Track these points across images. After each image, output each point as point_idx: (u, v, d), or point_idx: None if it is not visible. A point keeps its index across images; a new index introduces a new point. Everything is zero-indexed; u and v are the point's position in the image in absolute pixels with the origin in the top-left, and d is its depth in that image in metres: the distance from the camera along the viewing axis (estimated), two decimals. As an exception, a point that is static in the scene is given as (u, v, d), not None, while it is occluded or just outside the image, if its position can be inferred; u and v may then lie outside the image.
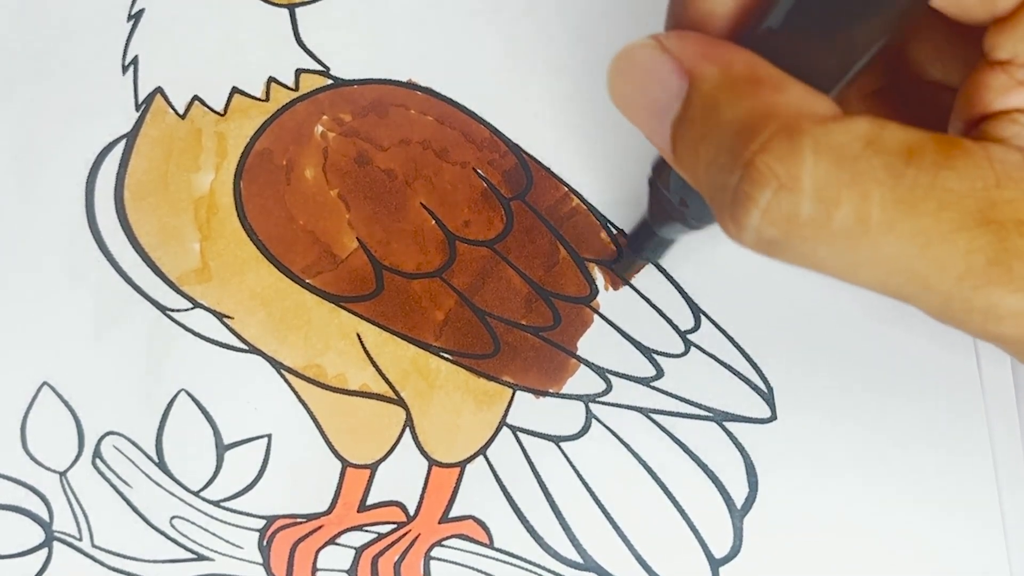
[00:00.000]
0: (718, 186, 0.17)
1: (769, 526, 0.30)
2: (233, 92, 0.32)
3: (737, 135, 0.17)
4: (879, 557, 0.30)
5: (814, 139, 0.16)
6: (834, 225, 0.16)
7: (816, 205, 0.16)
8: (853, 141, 0.16)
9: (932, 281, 0.16)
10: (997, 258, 0.16)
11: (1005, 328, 0.16)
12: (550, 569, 0.30)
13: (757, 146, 0.16)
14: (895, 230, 0.16)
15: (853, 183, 0.16)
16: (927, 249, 0.16)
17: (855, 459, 0.31)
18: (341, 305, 0.31)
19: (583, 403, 0.31)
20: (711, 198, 0.17)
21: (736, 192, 0.16)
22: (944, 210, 0.16)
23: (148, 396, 0.31)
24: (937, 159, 0.16)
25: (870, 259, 0.16)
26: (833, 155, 0.16)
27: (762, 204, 0.16)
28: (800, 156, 0.16)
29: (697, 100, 0.17)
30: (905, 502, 0.30)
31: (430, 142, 0.32)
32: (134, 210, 0.32)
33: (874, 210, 0.16)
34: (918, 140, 0.16)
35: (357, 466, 0.31)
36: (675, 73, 0.18)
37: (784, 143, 0.16)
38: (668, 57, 0.18)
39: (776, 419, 0.31)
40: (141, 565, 0.30)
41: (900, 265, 0.16)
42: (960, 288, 0.16)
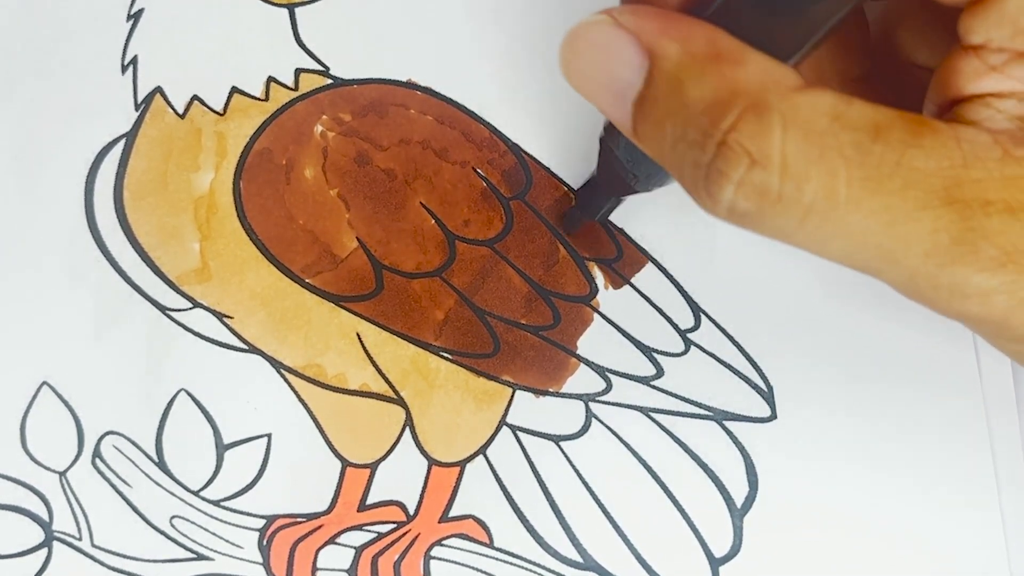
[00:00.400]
0: (689, 162, 0.17)
1: (769, 525, 0.30)
2: (233, 92, 0.32)
3: (705, 113, 0.17)
4: (879, 556, 0.30)
5: (781, 115, 0.16)
6: (804, 200, 0.16)
7: (786, 180, 0.16)
8: (820, 116, 0.16)
9: (898, 257, 0.16)
10: (962, 237, 0.16)
11: (970, 306, 0.17)
12: (550, 569, 0.30)
13: (728, 124, 0.16)
14: (862, 207, 0.16)
15: (821, 159, 0.16)
16: (893, 227, 0.16)
17: (855, 458, 0.31)
18: (341, 305, 0.31)
19: (583, 402, 0.31)
20: (680, 173, 0.18)
21: (710, 168, 0.17)
22: (910, 188, 0.16)
23: (148, 396, 0.31)
24: (904, 137, 0.16)
25: (838, 234, 0.16)
26: (801, 131, 0.16)
27: (735, 180, 0.16)
28: (769, 132, 0.16)
29: (660, 79, 0.17)
30: (905, 501, 0.30)
31: (430, 142, 0.32)
32: (134, 210, 0.32)
33: (841, 186, 0.16)
34: (886, 117, 0.16)
35: (357, 465, 0.31)
36: (634, 50, 0.18)
37: (753, 120, 0.16)
38: (625, 33, 0.18)
39: (776, 418, 0.31)
40: (141, 565, 0.30)
41: (867, 240, 0.16)
42: (926, 265, 0.16)
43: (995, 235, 0.16)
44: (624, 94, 0.18)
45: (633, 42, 0.18)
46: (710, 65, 0.17)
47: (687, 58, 0.17)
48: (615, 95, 0.18)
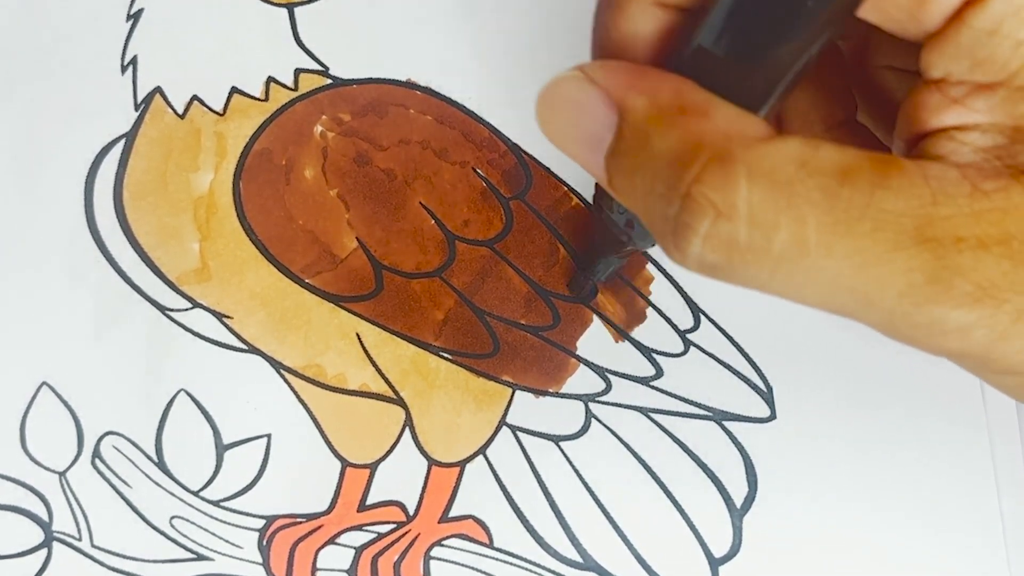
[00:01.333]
0: (658, 215, 0.17)
1: (769, 525, 0.30)
2: (232, 92, 0.32)
3: (671, 166, 0.17)
4: (878, 557, 0.30)
5: (747, 165, 0.16)
6: (774, 249, 0.16)
7: (754, 231, 0.16)
8: (786, 164, 0.16)
9: (874, 299, 0.16)
10: (936, 276, 0.16)
11: (950, 342, 0.17)
12: (550, 569, 0.30)
13: (692, 176, 0.16)
14: (833, 252, 0.16)
15: (789, 207, 0.16)
16: (866, 269, 0.16)
17: (854, 459, 0.31)
18: (341, 305, 0.31)
19: (583, 403, 0.31)
20: (651, 226, 0.18)
21: (676, 222, 0.17)
22: (881, 230, 0.16)
23: (148, 396, 0.31)
24: (872, 179, 0.16)
25: (812, 280, 0.16)
26: (767, 180, 0.16)
27: (702, 232, 0.16)
28: (735, 183, 0.16)
29: (628, 132, 0.18)
30: (905, 503, 0.30)
31: (429, 142, 0.32)
32: (133, 210, 0.32)
33: (811, 233, 0.16)
34: (853, 160, 0.16)
35: (357, 466, 0.31)
36: (604, 105, 0.18)
37: (717, 171, 0.16)
38: (595, 89, 0.18)
39: (776, 418, 0.31)
40: (141, 565, 0.30)
41: (842, 285, 0.16)
42: (902, 306, 0.16)
43: (969, 271, 0.16)
44: (598, 148, 0.18)
45: (603, 97, 0.18)
46: (676, 117, 0.17)
47: (654, 111, 0.17)
48: (589, 149, 0.18)
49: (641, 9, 0.19)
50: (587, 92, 0.18)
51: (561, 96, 0.19)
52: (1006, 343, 0.16)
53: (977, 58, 0.16)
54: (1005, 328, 0.16)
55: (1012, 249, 0.16)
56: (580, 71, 0.18)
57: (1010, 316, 0.16)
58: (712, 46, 0.17)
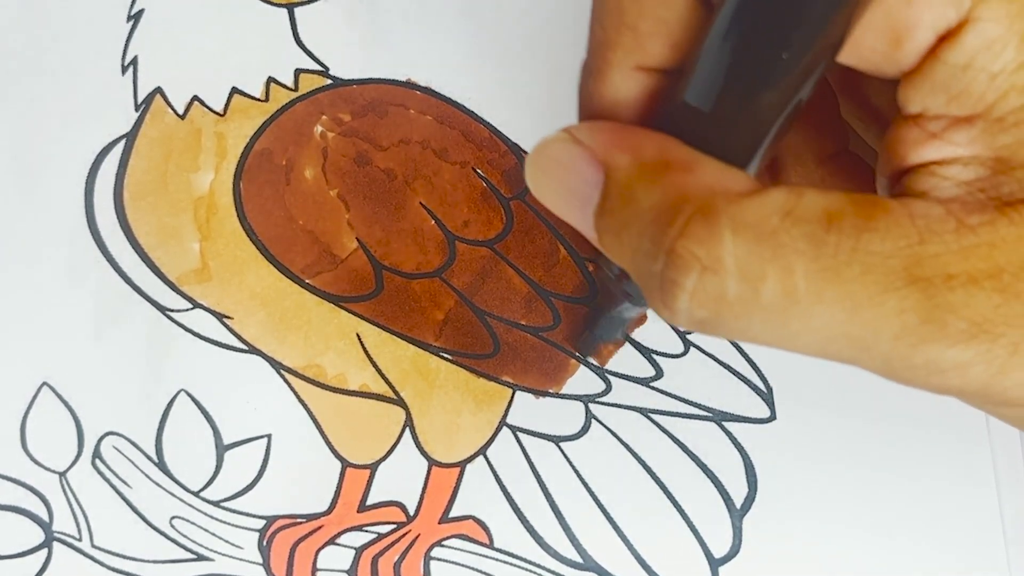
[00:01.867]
0: (645, 272, 0.17)
1: (768, 526, 0.30)
2: (232, 92, 0.32)
3: (655, 222, 0.17)
4: (878, 557, 0.30)
5: (730, 218, 0.16)
6: (763, 300, 0.16)
7: (741, 283, 0.16)
8: (770, 215, 0.16)
9: (868, 344, 0.16)
10: (929, 315, 0.16)
11: (950, 380, 0.16)
12: (550, 569, 0.30)
13: (675, 231, 0.16)
14: (823, 299, 0.16)
15: (775, 257, 0.16)
16: (858, 314, 0.16)
17: (854, 458, 0.31)
18: (341, 305, 0.31)
19: (583, 403, 0.31)
20: (640, 283, 0.17)
21: (663, 278, 0.16)
22: (869, 273, 0.16)
23: (148, 396, 0.31)
24: (857, 222, 0.16)
25: (805, 329, 0.16)
26: (751, 231, 0.16)
27: (688, 288, 0.16)
28: (719, 237, 0.16)
29: (613, 190, 0.18)
30: (904, 501, 0.30)
31: (429, 142, 0.32)
32: (134, 210, 0.32)
33: (799, 282, 0.16)
34: (837, 204, 0.16)
35: (357, 466, 0.31)
36: (590, 164, 0.18)
37: (701, 226, 0.16)
38: (581, 149, 0.18)
39: (775, 419, 0.31)
40: (141, 565, 0.30)
41: (835, 332, 0.16)
42: (898, 348, 0.16)
43: (961, 308, 0.16)
44: (586, 207, 0.18)
45: (589, 157, 0.18)
46: (660, 174, 0.17)
47: (638, 168, 0.17)
48: (578, 209, 0.18)
49: (622, 75, 0.19)
50: (573, 152, 0.18)
51: (548, 157, 0.19)
52: (1004, 377, 0.16)
53: (953, 92, 0.16)
54: (1003, 363, 0.16)
55: (1003, 283, 0.16)
56: (566, 132, 0.19)
57: (1006, 350, 0.16)
58: (695, 102, 0.17)
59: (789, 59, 0.16)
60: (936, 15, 0.16)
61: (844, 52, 0.17)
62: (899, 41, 0.16)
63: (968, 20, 0.16)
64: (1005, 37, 0.16)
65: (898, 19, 0.16)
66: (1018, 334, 0.16)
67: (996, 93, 0.16)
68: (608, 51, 0.18)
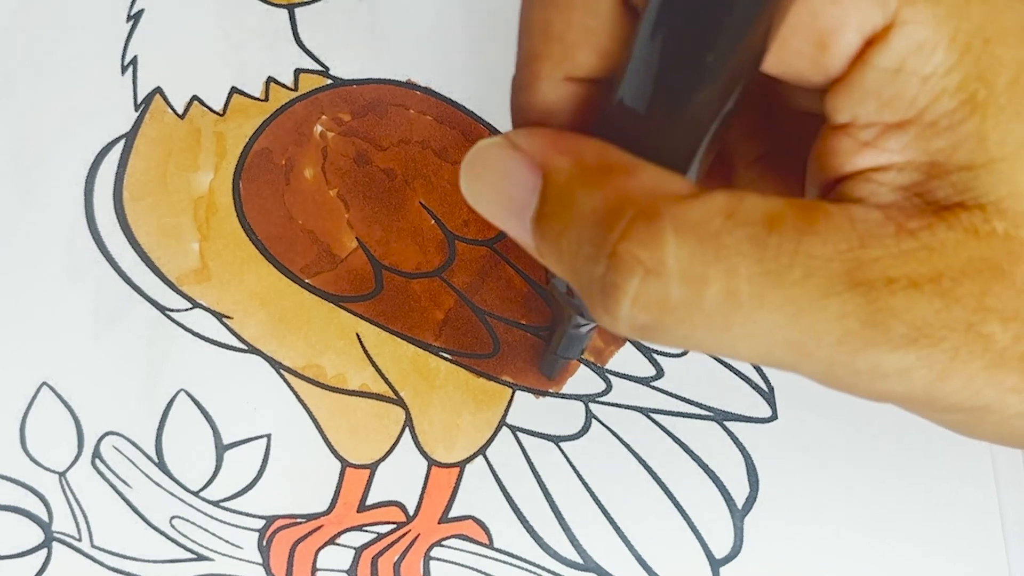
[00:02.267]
0: (585, 278, 0.17)
1: (770, 526, 0.30)
2: (232, 92, 0.32)
3: (597, 225, 0.16)
4: (879, 557, 0.30)
5: (673, 219, 0.16)
6: (706, 304, 0.16)
7: (685, 286, 0.16)
8: (713, 216, 0.16)
9: (811, 349, 0.16)
10: (871, 319, 0.15)
11: (891, 386, 0.16)
12: (550, 569, 0.30)
13: (617, 234, 0.16)
14: (765, 303, 0.15)
15: (718, 259, 0.15)
16: (800, 318, 0.16)
17: (855, 458, 0.30)
18: (340, 305, 0.31)
19: (583, 403, 0.31)
20: (580, 290, 0.17)
21: (604, 282, 0.16)
22: (811, 277, 0.15)
23: (148, 396, 0.31)
24: (799, 225, 0.16)
25: (747, 334, 0.16)
26: (694, 233, 0.16)
27: (631, 292, 0.16)
28: (661, 238, 0.16)
29: (552, 194, 0.17)
30: (905, 502, 0.30)
31: (429, 142, 0.32)
32: (133, 210, 0.32)
33: (742, 284, 0.15)
34: (778, 208, 0.16)
35: (357, 466, 0.31)
36: (527, 169, 0.18)
37: (644, 228, 0.16)
38: (519, 154, 0.18)
39: (777, 418, 0.31)
40: (141, 565, 0.30)
41: (777, 337, 0.16)
42: (840, 353, 0.16)
43: (903, 312, 0.15)
44: (523, 214, 0.18)
45: (526, 161, 0.18)
46: (600, 176, 0.17)
47: (577, 171, 0.17)
48: (515, 215, 0.18)
49: (553, 86, 0.18)
50: (510, 157, 0.18)
51: (484, 163, 0.18)
52: (945, 382, 0.16)
53: (884, 98, 0.16)
54: (943, 367, 0.16)
55: (943, 287, 0.16)
56: (504, 137, 0.18)
57: (947, 355, 0.16)
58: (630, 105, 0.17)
59: (715, 61, 0.15)
60: (862, 16, 0.15)
61: (770, 60, 0.16)
62: (825, 44, 0.16)
63: (895, 23, 0.15)
64: (934, 39, 0.15)
65: (823, 19, 0.16)
66: (958, 339, 0.16)
67: (928, 97, 0.16)
68: (537, 64, 0.18)
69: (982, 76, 0.15)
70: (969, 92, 0.15)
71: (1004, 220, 0.16)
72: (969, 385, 0.16)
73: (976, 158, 0.16)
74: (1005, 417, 0.16)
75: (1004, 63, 0.15)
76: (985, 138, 0.16)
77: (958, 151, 0.16)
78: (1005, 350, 0.16)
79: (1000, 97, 0.16)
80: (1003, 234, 0.16)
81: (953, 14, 0.15)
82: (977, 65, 0.15)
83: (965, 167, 0.16)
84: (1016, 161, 0.16)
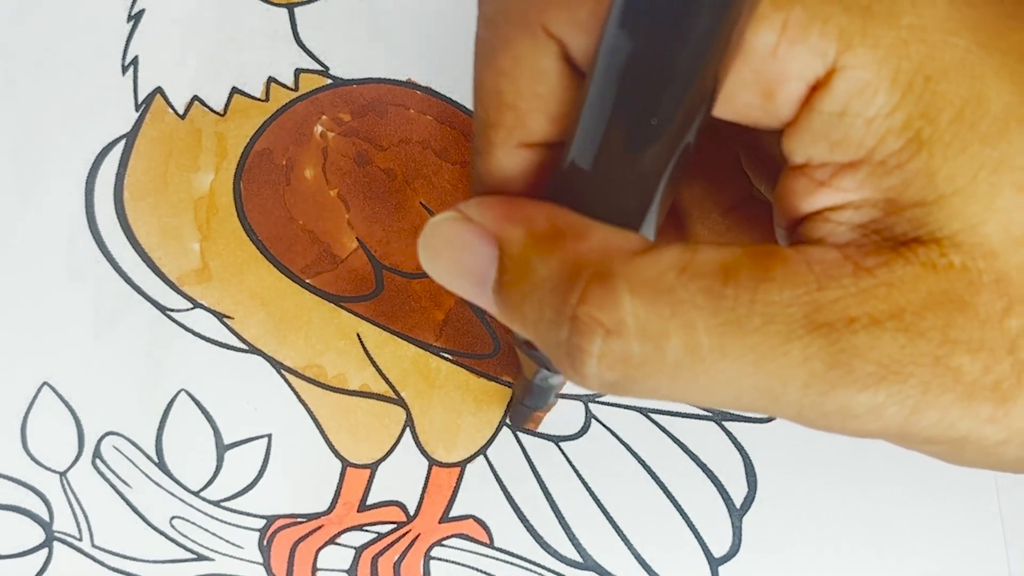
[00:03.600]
0: (551, 341, 0.17)
1: (768, 525, 0.30)
2: (233, 92, 0.32)
3: (555, 291, 0.16)
4: (878, 557, 0.30)
5: (626, 278, 0.16)
6: (668, 359, 0.16)
7: (645, 343, 0.16)
8: (666, 271, 0.16)
9: (778, 394, 0.16)
10: (834, 361, 0.15)
11: (866, 425, 0.16)
12: (550, 569, 0.30)
13: (575, 298, 0.16)
14: (727, 354, 0.16)
15: (675, 314, 0.16)
16: (763, 365, 0.16)
17: (854, 458, 0.31)
18: (341, 305, 0.31)
19: (583, 403, 0.31)
20: (548, 352, 0.17)
21: (569, 345, 0.16)
22: (771, 323, 0.15)
23: (148, 396, 0.31)
24: (755, 273, 0.16)
25: (713, 384, 0.16)
26: (648, 290, 0.16)
27: (595, 352, 0.16)
28: (617, 298, 0.16)
29: (508, 264, 0.17)
30: (904, 502, 0.30)
31: (429, 142, 0.32)
32: (134, 210, 0.32)
33: (702, 337, 0.16)
34: (732, 257, 0.16)
35: (357, 466, 0.31)
36: (483, 241, 0.18)
37: (599, 289, 0.16)
38: (472, 226, 0.18)
39: (775, 418, 0.31)
40: (141, 565, 0.30)
41: (744, 385, 0.16)
42: (808, 396, 0.16)
43: (867, 351, 0.15)
44: (484, 283, 0.18)
45: (481, 232, 0.18)
46: (553, 242, 0.17)
47: (530, 239, 0.17)
48: (476, 285, 0.18)
49: (507, 153, 0.19)
50: (464, 230, 0.18)
51: (439, 238, 0.19)
52: (919, 416, 0.16)
53: (833, 140, 0.16)
54: (915, 402, 0.16)
55: (905, 322, 0.16)
56: (456, 211, 0.18)
57: (917, 390, 0.16)
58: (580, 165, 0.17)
59: (659, 123, 0.16)
60: (803, 66, 0.15)
61: (721, 107, 0.16)
62: (771, 94, 0.16)
63: (835, 69, 0.15)
64: (875, 82, 0.15)
65: (766, 73, 0.16)
66: (926, 373, 0.16)
67: (875, 138, 0.16)
68: (491, 131, 0.18)
69: (926, 114, 0.16)
70: (914, 130, 0.16)
71: (960, 253, 0.16)
72: (944, 419, 0.16)
73: (927, 195, 0.16)
74: (985, 447, 0.16)
75: (947, 99, 0.16)
76: (934, 175, 0.16)
77: (909, 188, 0.16)
78: (975, 381, 0.16)
79: (945, 134, 0.16)
80: (960, 266, 0.16)
81: (892, 55, 0.15)
82: (920, 103, 0.15)
83: (918, 203, 0.16)
84: (966, 195, 0.16)
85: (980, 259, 0.16)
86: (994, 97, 0.16)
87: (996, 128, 0.16)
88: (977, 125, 0.16)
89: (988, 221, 0.16)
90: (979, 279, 0.16)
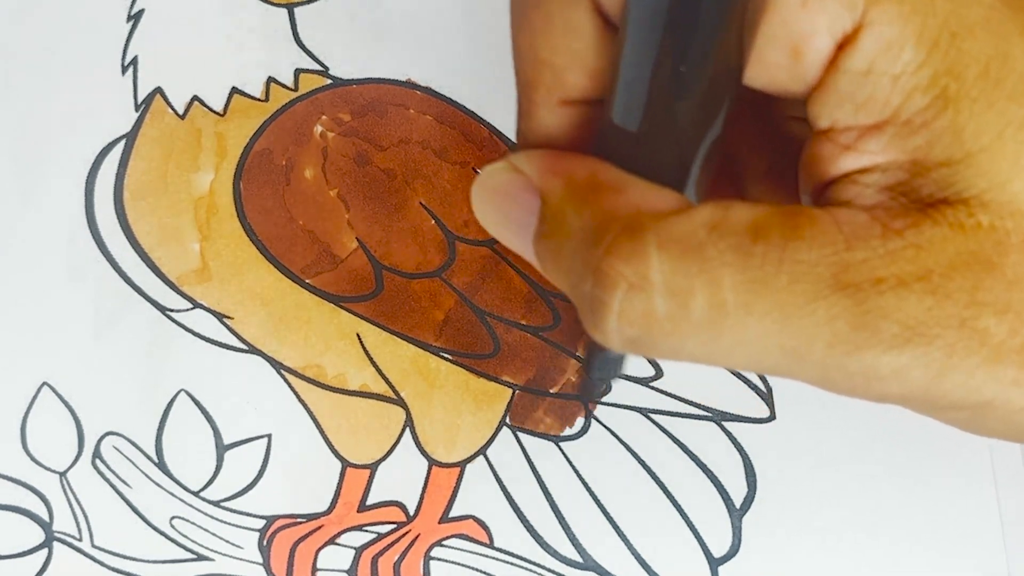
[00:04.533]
0: (578, 294, 0.17)
1: (768, 525, 0.30)
2: (233, 92, 0.32)
3: (584, 242, 0.16)
4: (878, 557, 0.30)
5: (656, 234, 0.16)
6: (692, 316, 0.16)
7: (669, 299, 0.16)
8: (697, 229, 0.16)
9: (803, 353, 0.16)
10: (860, 321, 0.15)
11: (889, 387, 0.16)
12: (550, 569, 0.30)
13: (601, 250, 0.16)
14: (753, 311, 0.16)
15: (702, 271, 0.16)
16: (789, 323, 0.16)
17: (854, 458, 0.31)
18: (341, 305, 0.31)
19: (583, 403, 0.31)
20: (577, 305, 0.17)
21: (591, 298, 0.16)
22: (797, 282, 0.15)
23: (148, 396, 0.31)
24: (784, 231, 0.16)
25: (737, 343, 0.16)
26: (678, 247, 0.16)
27: (615, 307, 0.16)
28: (645, 253, 0.16)
29: (548, 214, 0.18)
30: (904, 501, 0.30)
31: (429, 142, 0.32)
32: (134, 210, 0.32)
33: (728, 294, 0.16)
34: (763, 216, 0.16)
35: (357, 466, 0.31)
36: (527, 191, 0.18)
37: (627, 243, 0.16)
38: (519, 176, 0.18)
39: (775, 419, 0.31)
40: (141, 565, 0.30)
41: (768, 344, 0.16)
42: (832, 356, 0.16)
43: (893, 311, 0.15)
44: (526, 234, 0.18)
45: (526, 183, 0.18)
46: (589, 195, 0.17)
47: (569, 191, 0.17)
48: (520, 236, 0.19)
49: (549, 111, 0.19)
50: (512, 180, 0.18)
51: (489, 187, 0.19)
52: (944, 379, 0.16)
53: (858, 101, 0.16)
54: (940, 365, 0.16)
55: (933, 284, 0.15)
56: (506, 161, 0.19)
57: (943, 352, 0.16)
58: (620, 123, 0.17)
59: (688, 72, 0.16)
60: (831, 19, 0.15)
61: (751, 74, 0.17)
62: (799, 51, 0.16)
63: (863, 24, 0.15)
64: (902, 38, 0.15)
65: (795, 27, 0.16)
66: (953, 335, 0.16)
67: (900, 96, 0.16)
68: (531, 91, 0.19)
69: (951, 71, 0.15)
70: (940, 88, 0.16)
71: (988, 213, 0.16)
72: (968, 382, 0.16)
73: (954, 153, 0.16)
74: (1009, 412, 0.16)
75: (972, 56, 0.16)
76: (960, 132, 0.16)
77: (935, 147, 0.16)
78: (1002, 344, 0.16)
79: (971, 90, 0.16)
80: (988, 226, 0.16)
81: (918, 11, 0.15)
82: (946, 60, 0.15)
83: (944, 163, 0.16)
84: (993, 152, 0.16)
85: (1008, 218, 0.16)
86: (1019, 55, 0.16)
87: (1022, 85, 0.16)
88: (1003, 82, 0.16)
89: (1015, 179, 0.16)
90: (1007, 239, 0.16)
